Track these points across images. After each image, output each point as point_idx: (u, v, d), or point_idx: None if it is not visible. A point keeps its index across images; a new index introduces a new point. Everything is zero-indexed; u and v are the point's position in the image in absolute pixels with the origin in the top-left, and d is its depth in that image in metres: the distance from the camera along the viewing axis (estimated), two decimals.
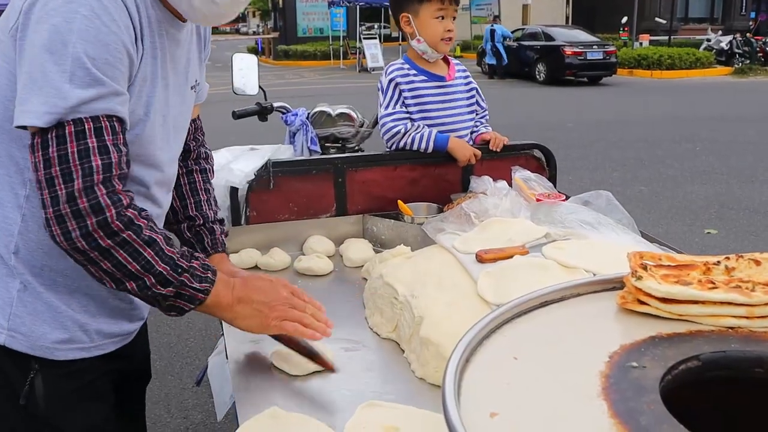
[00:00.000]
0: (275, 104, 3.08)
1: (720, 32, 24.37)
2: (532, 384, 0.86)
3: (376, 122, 2.91)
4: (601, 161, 8.22)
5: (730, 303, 0.97)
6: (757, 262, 1.05)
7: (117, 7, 1.11)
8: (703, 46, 22.36)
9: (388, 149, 2.40)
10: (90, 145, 1.08)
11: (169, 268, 1.16)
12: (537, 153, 2.46)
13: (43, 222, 1.10)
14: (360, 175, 2.27)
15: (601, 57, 17.90)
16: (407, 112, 2.37)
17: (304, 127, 2.93)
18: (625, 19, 24.41)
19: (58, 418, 1.26)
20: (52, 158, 1.07)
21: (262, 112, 3.05)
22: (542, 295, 1.08)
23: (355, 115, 3.14)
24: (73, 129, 1.07)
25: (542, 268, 1.51)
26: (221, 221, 1.59)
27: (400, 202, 2.16)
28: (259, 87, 2.97)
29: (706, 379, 0.91)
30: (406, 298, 1.50)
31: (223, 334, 1.57)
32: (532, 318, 1.04)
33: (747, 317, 0.97)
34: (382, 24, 26.07)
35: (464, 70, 2.56)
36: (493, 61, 19.36)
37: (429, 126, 2.36)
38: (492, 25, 20.04)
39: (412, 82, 2.38)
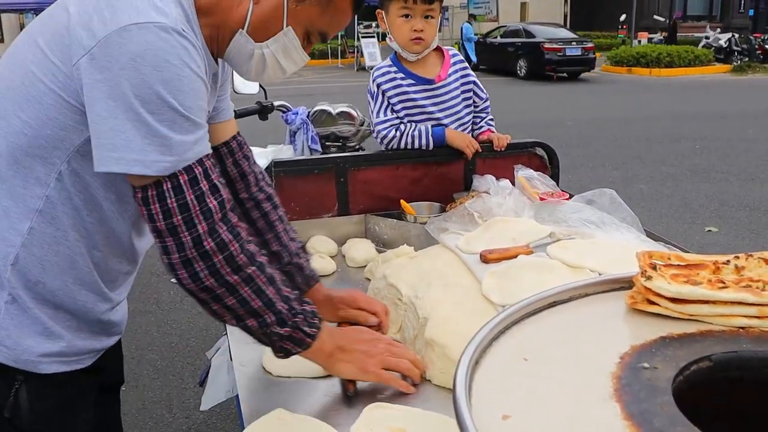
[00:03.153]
0: (275, 103, 3.07)
1: (719, 30, 24.39)
2: (543, 386, 0.85)
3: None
4: (601, 160, 8.21)
5: (740, 302, 0.96)
6: (767, 261, 1.04)
7: (196, 52, 1.12)
8: (701, 43, 22.38)
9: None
10: (203, 189, 1.11)
11: (287, 308, 1.19)
12: (539, 151, 2.45)
13: (167, 267, 1.12)
14: (362, 175, 2.26)
15: (580, 53, 18.59)
16: (398, 118, 2.33)
17: (305, 125, 2.92)
18: (623, 17, 24.45)
19: (43, 431, 1.25)
20: (172, 209, 1.09)
21: (263, 111, 3.05)
22: (550, 295, 1.07)
23: (355, 114, 3.14)
24: (186, 177, 1.10)
25: (547, 268, 1.50)
26: (303, 248, 1.55)
27: (402, 201, 2.15)
28: (260, 86, 2.96)
29: (717, 379, 0.90)
30: (410, 298, 1.49)
31: (225, 334, 1.56)
32: (541, 319, 1.03)
33: (758, 317, 0.96)
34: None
35: (462, 62, 2.45)
36: (473, 59, 19.76)
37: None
38: (462, 24, 20.50)
39: (399, 86, 2.31)
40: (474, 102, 2.46)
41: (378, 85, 2.33)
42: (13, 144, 1.14)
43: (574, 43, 18.76)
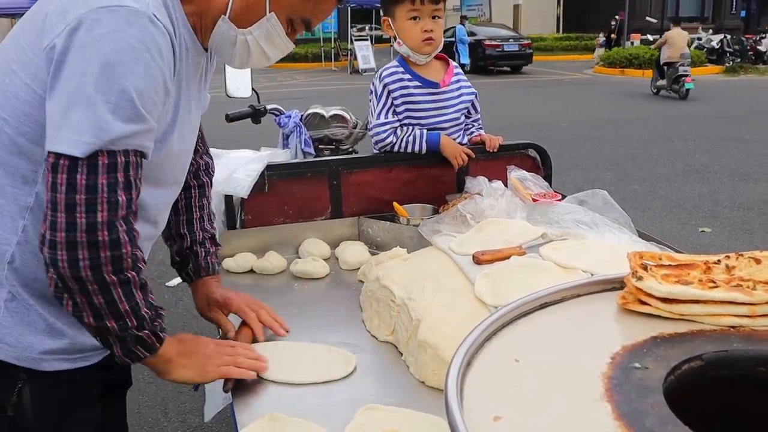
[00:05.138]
0: (268, 106, 3.07)
1: (710, 31, 24.50)
2: (534, 386, 0.85)
3: (368, 125, 2.90)
4: (594, 161, 8.23)
5: (731, 302, 0.96)
6: (758, 261, 1.05)
7: (165, 40, 1.10)
8: (694, 45, 22.44)
9: (377, 152, 2.39)
10: (119, 179, 1.08)
11: (150, 314, 1.19)
12: (532, 152, 2.45)
13: (45, 241, 1.07)
14: (355, 177, 2.26)
15: (517, 49, 21.20)
16: (398, 120, 2.35)
17: (298, 129, 2.92)
18: (618, 18, 24.54)
19: (47, 429, 1.25)
20: (79, 185, 1.05)
21: (256, 115, 3.04)
22: (542, 296, 1.07)
23: (348, 117, 3.13)
24: (106, 161, 1.07)
25: (540, 269, 1.50)
26: (212, 239, 1.59)
27: (395, 203, 2.15)
28: (252, 89, 2.96)
29: (709, 378, 0.90)
30: (403, 300, 1.49)
31: (218, 337, 1.56)
32: (532, 320, 1.03)
33: (749, 316, 0.96)
34: (374, 25, 26.00)
35: (463, 75, 2.51)
36: (465, 60, 20.04)
37: (419, 129, 2.34)
38: (455, 26, 20.92)
39: (406, 87, 2.35)
40: (468, 113, 2.52)
41: (384, 85, 2.34)
42: None
43: (511, 40, 21.35)
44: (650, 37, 22.81)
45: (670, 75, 14.25)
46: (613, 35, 24.58)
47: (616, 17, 24.60)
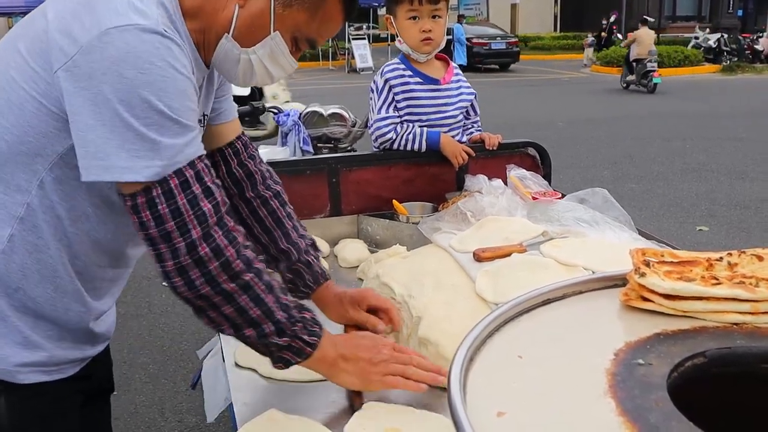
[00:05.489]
0: (267, 105, 3.06)
1: (708, 30, 24.51)
2: (537, 383, 0.85)
3: (367, 123, 2.90)
4: (592, 159, 8.24)
5: (734, 299, 0.96)
6: (760, 258, 1.04)
7: (180, 51, 1.09)
8: (691, 44, 22.46)
9: (376, 148, 2.39)
10: (196, 192, 1.08)
11: (286, 317, 1.16)
12: (531, 151, 2.45)
13: (162, 276, 1.09)
14: (354, 175, 2.26)
15: (504, 47, 21.78)
16: (399, 116, 2.36)
17: (297, 127, 2.91)
18: (613, 18, 24.52)
19: None
20: (163, 215, 1.06)
21: (255, 113, 3.04)
22: (544, 293, 1.06)
23: (347, 116, 3.14)
24: (177, 181, 1.07)
25: (541, 266, 1.50)
26: (313, 244, 1.52)
27: (395, 201, 2.15)
28: (251, 88, 2.95)
29: (712, 375, 0.90)
30: (403, 297, 1.49)
31: (219, 335, 1.55)
32: (535, 316, 1.02)
33: (751, 313, 0.96)
34: (371, 24, 25.94)
35: (463, 76, 2.52)
36: (462, 61, 19.94)
37: (420, 126, 2.35)
38: (453, 26, 20.81)
39: (407, 83, 2.36)
40: (468, 114, 2.53)
41: (386, 80, 2.36)
42: None
43: (498, 38, 21.83)
44: None
45: (639, 71, 15.28)
46: (603, 33, 24.58)
47: (612, 17, 24.60)
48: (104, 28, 1.02)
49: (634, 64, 15.51)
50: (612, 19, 24.54)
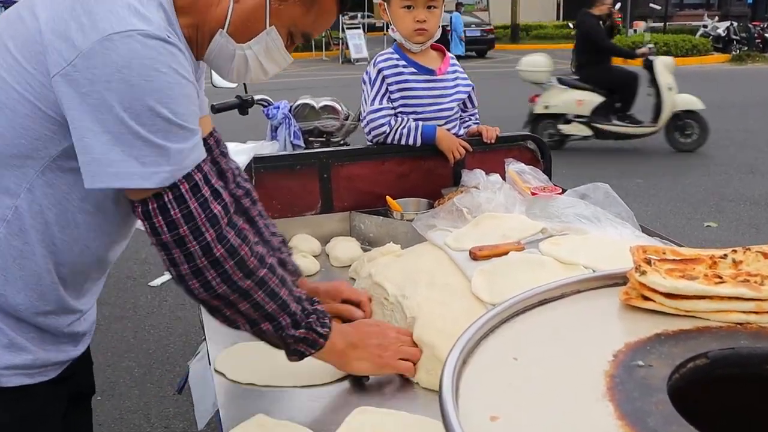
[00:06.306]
0: (256, 97, 3.02)
1: (717, 18, 24.20)
2: (533, 385, 0.82)
3: (360, 116, 2.86)
4: (597, 152, 8.12)
5: (738, 298, 0.93)
6: (765, 255, 1.02)
7: (182, 55, 1.09)
8: (699, 32, 21.97)
9: (370, 142, 2.35)
10: (206, 195, 1.09)
11: (300, 309, 1.18)
12: (530, 144, 2.41)
13: (175, 278, 1.11)
14: (346, 170, 2.22)
15: (479, 34, 22.26)
16: (393, 108, 2.31)
17: (287, 120, 2.87)
18: (617, 6, 24.46)
19: None
20: (176, 220, 1.07)
21: (243, 106, 2.99)
22: (541, 292, 1.04)
23: (339, 108, 3.09)
24: (188, 186, 1.07)
25: (539, 264, 1.47)
26: (284, 242, 1.56)
27: (388, 197, 2.11)
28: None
29: (714, 377, 0.87)
30: (396, 298, 1.46)
31: (204, 339, 1.52)
32: (531, 316, 1.00)
33: (756, 312, 0.93)
34: (366, 13, 25.74)
35: (460, 67, 2.48)
36: (459, 51, 19.89)
37: (414, 120, 2.31)
38: (451, 14, 20.69)
39: (401, 74, 2.31)
40: (465, 107, 2.49)
41: (379, 71, 2.31)
42: None
43: (473, 26, 22.22)
44: (654, 24, 22.60)
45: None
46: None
47: (616, 4, 24.51)
48: (106, 33, 1.01)
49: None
50: (617, 7, 24.46)
